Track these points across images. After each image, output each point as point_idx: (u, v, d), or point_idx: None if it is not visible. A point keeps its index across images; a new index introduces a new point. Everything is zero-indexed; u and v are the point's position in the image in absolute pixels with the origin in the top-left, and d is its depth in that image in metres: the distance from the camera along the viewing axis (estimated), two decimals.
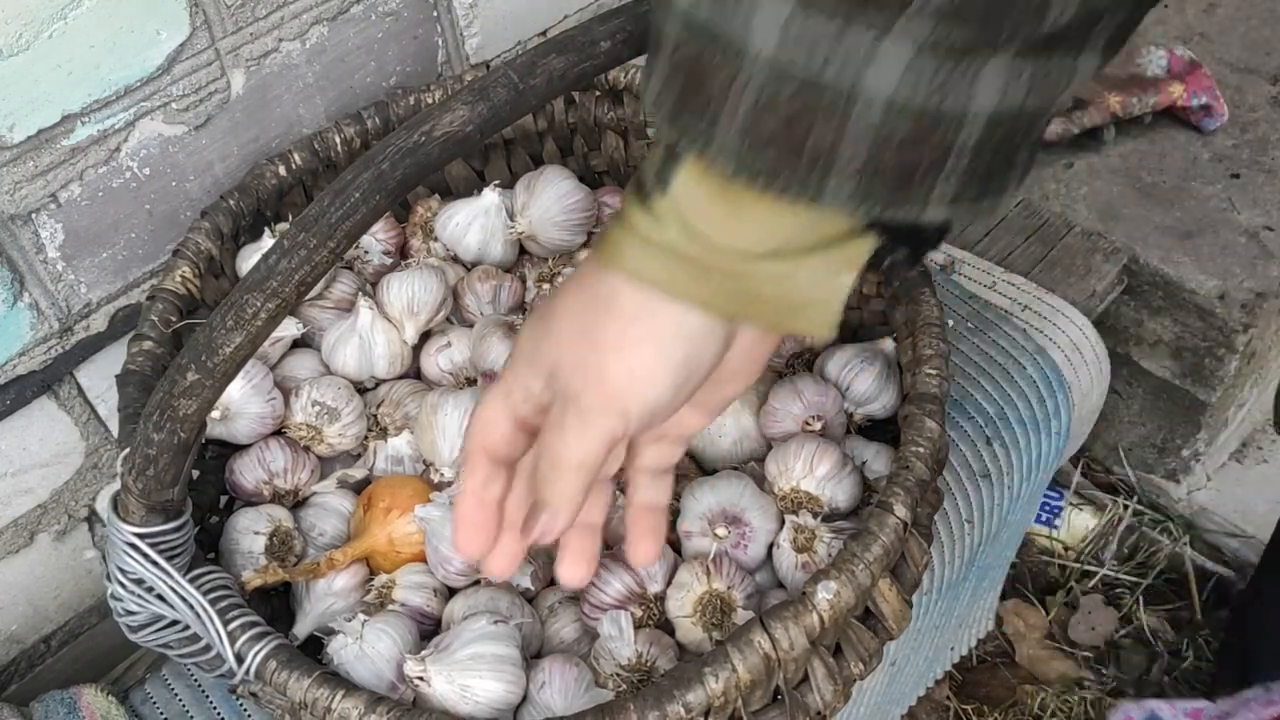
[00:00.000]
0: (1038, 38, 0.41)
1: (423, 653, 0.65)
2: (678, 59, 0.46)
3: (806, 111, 0.44)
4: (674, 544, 0.73)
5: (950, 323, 1.00)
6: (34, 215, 0.77)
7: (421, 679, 0.63)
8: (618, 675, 0.66)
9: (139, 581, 0.61)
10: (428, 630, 0.72)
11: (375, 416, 0.80)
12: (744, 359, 0.56)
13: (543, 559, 0.74)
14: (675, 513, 0.74)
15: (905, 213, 0.46)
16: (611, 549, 0.74)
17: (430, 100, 0.87)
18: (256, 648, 0.61)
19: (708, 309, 0.51)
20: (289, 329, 0.81)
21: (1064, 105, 0.51)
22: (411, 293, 0.81)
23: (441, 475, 0.75)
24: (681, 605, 0.69)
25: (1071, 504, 1.37)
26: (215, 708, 0.82)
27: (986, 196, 0.45)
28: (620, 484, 0.75)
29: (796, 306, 0.51)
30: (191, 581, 0.61)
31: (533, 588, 0.72)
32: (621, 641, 0.66)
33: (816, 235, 0.49)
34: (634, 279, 0.51)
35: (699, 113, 0.46)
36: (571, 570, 0.56)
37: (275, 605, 0.75)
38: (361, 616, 0.69)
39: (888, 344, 0.79)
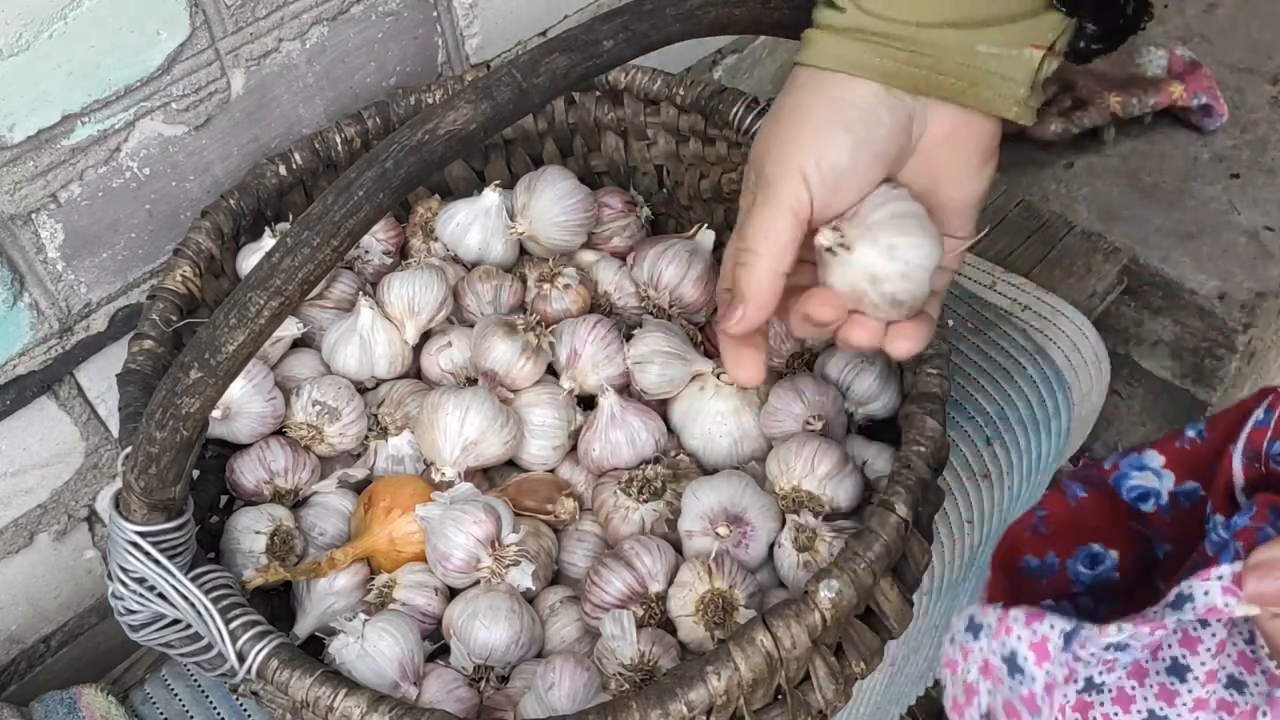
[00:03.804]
0: None
1: (832, 222, 0.58)
2: None
3: None
4: (675, 544, 0.73)
5: (950, 323, 1.00)
6: (34, 215, 0.77)
7: (841, 246, 0.56)
8: (620, 675, 0.66)
9: (140, 580, 0.61)
10: (429, 629, 0.72)
11: (376, 416, 0.80)
12: (953, 149, 0.58)
13: (544, 558, 0.74)
14: (675, 513, 0.74)
15: None
16: (611, 547, 0.74)
17: (431, 100, 0.87)
18: (258, 647, 0.61)
19: (887, 79, 0.55)
20: (290, 328, 0.81)
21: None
22: (412, 292, 0.81)
23: (442, 475, 0.75)
24: (683, 604, 0.69)
25: None
26: (215, 708, 0.82)
27: None
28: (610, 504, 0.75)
29: (977, 80, 0.55)
30: (193, 580, 0.61)
31: (533, 587, 0.72)
32: (624, 641, 0.66)
33: (991, 7, 0.54)
34: (818, 65, 0.56)
35: None
36: (743, 370, 0.62)
37: (276, 605, 0.75)
38: (362, 616, 0.69)
39: None
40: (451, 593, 0.73)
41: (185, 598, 0.61)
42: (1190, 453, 0.55)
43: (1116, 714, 0.49)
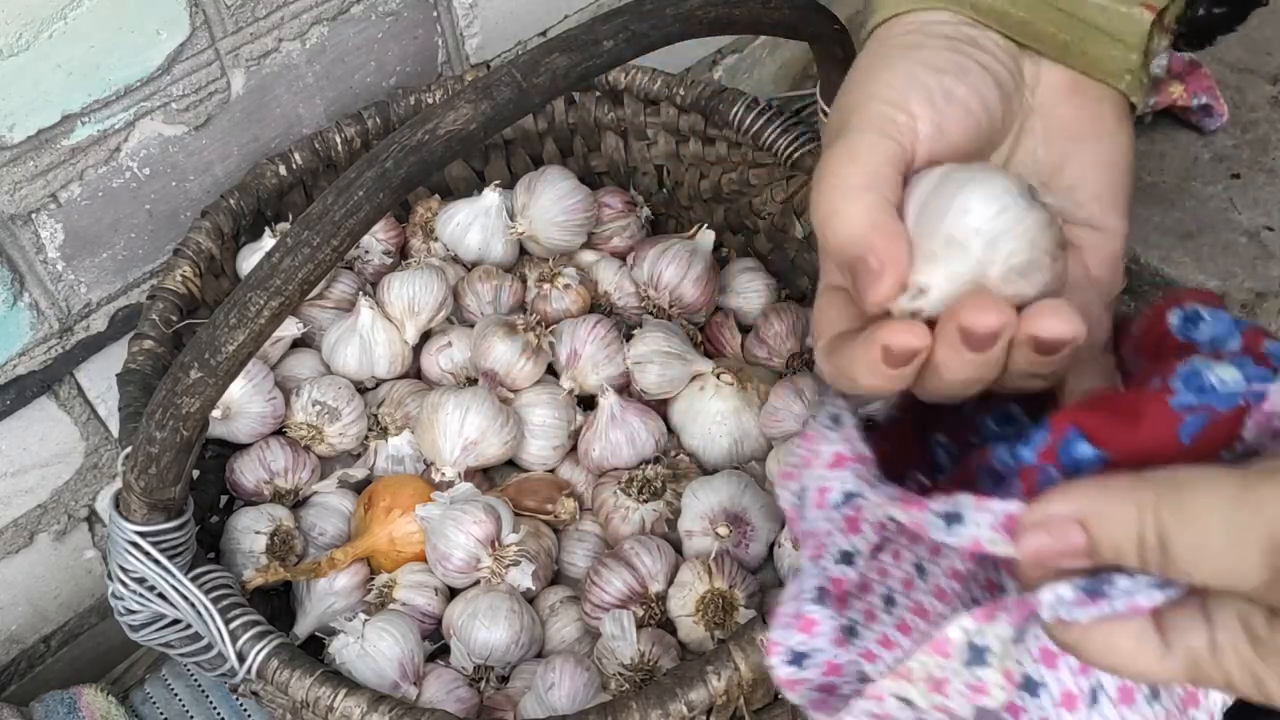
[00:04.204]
0: None
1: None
2: None
3: None
4: (675, 544, 0.73)
5: None
6: (34, 215, 0.77)
7: (920, 293, 0.41)
8: (620, 675, 0.66)
9: (140, 580, 0.60)
10: (429, 629, 0.72)
11: (376, 416, 0.80)
12: (1080, 102, 0.47)
13: (544, 558, 0.74)
14: (675, 513, 0.74)
15: None
16: (611, 547, 0.74)
17: (431, 100, 0.87)
18: (258, 647, 0.61)
19: (977, 12, 0.46)
20: (290, 328, 0.81)
21: None
22: (412, 292, 0.81)
23: (442, 475, 0.75)
24: (683, 604, 0.69)
25: None
26: (215, 707, 0.82)
27: None
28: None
29: (1080, 35, 0.46)
30: (193, 580, 0.61)
31: (534, 587, 0.72)
32: (624, 641, 0.66)
33: None
34: (891, 14, 0.46)
35: None
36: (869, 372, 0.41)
37: (276, 605, 0.75)
38: (362, 616, 0.69)
39: None
40: (451, 593, 0.73)
41: (185, 598, 0.61)
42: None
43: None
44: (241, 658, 0.61)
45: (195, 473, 0.66)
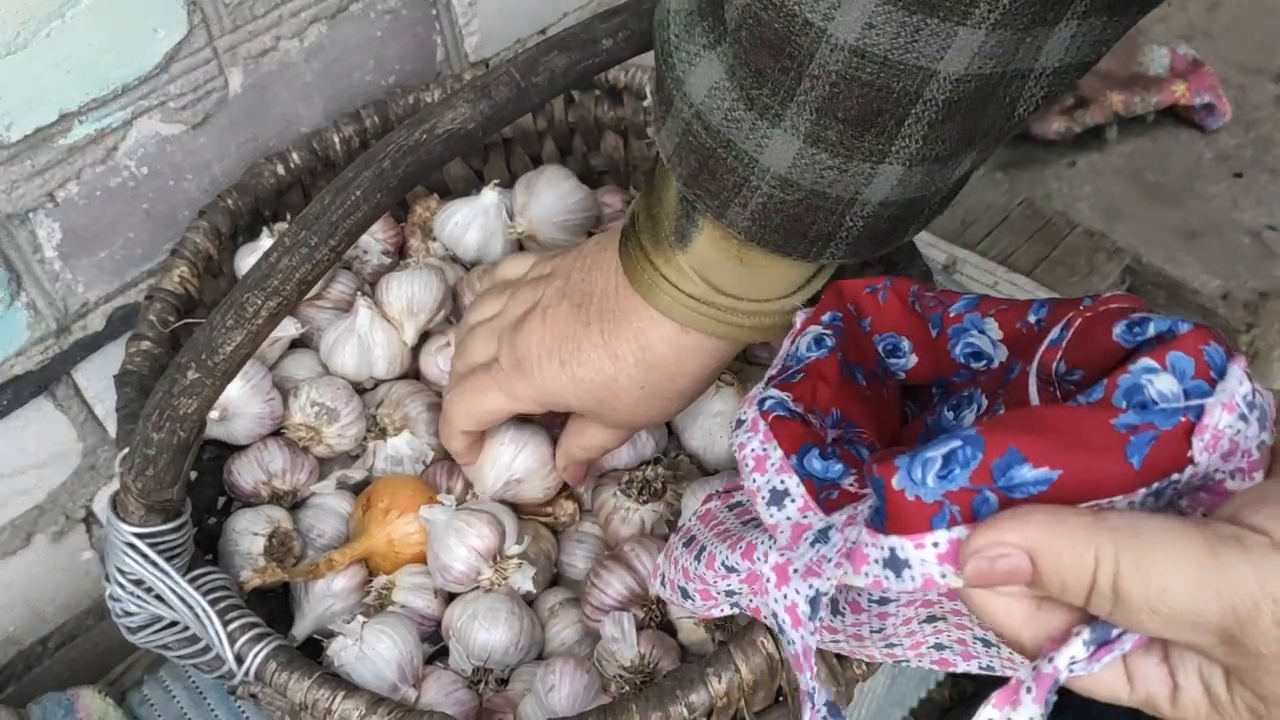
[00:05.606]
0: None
1: None
2: (691, 142, 0.52)
3: (810, 211, 0.51)
4: None
5: None
6: (31, 214, 0.76)
7: None
8: (620, 677, 0.66)
9: (138, 582, 0.60)
10: (428, 631, 0.71)
11: (374, 417, 0.79)
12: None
13: (543, 560, 0.73)
14: (675, 514, 0.74)
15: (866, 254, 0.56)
16: (611, 549, 0.74)
17: (429, 99, 0.87)
18: (256, 648, 0.60)
19: (727, 339, 0.61)
20: (288, 329, 0.81)
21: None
22: (411, 292, 0.80)
23: (472, 495, 0.75)
24: None
25: None
26: (213, 709, 0.82)
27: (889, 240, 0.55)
28: (623, 484, 0.75)
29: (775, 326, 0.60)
30: (191, 582, 0.60)
31: (534, 590, 0.71)
32: (624, 643, 0.66)
33: (805, 277, 0.59)
34: (665, 316, 0.60)
35: (713, 193, 0.53)
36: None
37: (274, 607, 0.75)
38: (361, 618, 0.69)
39: None
40: (450, 595, 0.72)
41: (183, 599, 0.60)
42: (1027, 337, 0.52)
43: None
44: (239, 660, 0.60)
45: (193, 474, 0.66)
